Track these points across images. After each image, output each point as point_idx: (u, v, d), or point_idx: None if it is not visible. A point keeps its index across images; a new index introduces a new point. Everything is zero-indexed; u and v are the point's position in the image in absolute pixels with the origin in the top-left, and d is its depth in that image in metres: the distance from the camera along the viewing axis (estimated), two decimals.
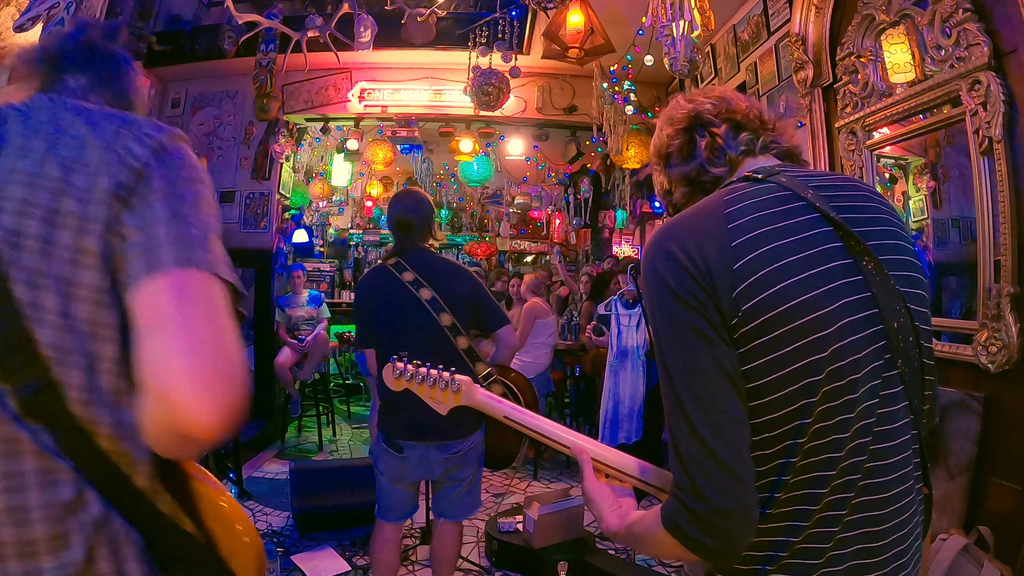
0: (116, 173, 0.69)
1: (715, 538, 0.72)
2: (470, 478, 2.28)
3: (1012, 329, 1.96)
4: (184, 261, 0.66)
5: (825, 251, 0.78)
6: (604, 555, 3.02)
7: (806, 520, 0.76)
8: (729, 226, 0.77)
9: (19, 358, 0.63)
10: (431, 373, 1.16)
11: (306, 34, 3.94)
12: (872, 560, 0.78)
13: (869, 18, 2.62)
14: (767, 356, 0.75)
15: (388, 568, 2.32)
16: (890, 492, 0.79)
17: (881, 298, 0.79)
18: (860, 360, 0.77)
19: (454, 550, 2.37)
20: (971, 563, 1.89)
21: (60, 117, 0.73)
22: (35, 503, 0.63)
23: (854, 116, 2.75)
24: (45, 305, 0.65)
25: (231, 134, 5.58)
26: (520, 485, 4.29)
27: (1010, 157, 2.00)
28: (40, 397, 0.63)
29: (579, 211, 8.01)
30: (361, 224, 10.24)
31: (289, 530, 3.38)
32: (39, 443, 0.64)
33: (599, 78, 4.60)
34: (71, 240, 0.66)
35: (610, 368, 4.58)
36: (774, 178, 0.84)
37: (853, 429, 0.76)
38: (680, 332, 0.76)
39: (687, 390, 0.75)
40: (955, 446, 2.16)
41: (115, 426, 0.67)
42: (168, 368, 0.62)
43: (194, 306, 0.66)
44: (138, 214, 0.68)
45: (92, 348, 0.67)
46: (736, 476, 0.72)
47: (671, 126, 0.96)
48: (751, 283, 0.74)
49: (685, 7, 2.74)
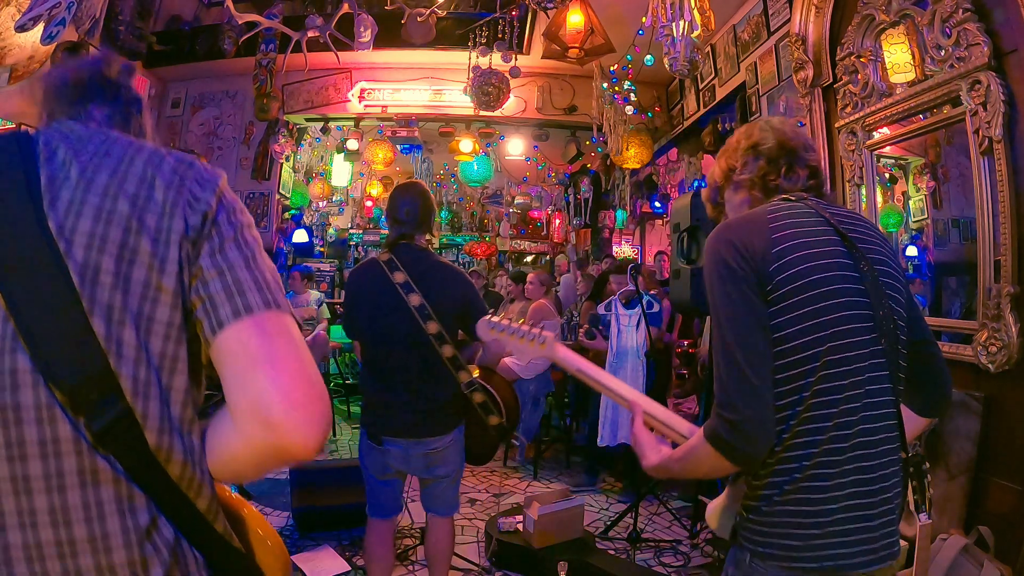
0: (187, 216, 0.73)
1: (744, 440, 0.98)
2: (452, 474, 2.28)
3: (1012, 329, 1.96)
4: (271, 304, 0.73)
5: (835, 251, 1.08)
6: (604, 555, 3.03)
7: (815, 448, 1.01)
8: (771, 225, 1.08)
9: (98, 390, 0.65)
10: (522, 328, 1.42)
11: (306, 34, 3.94)
12: (866, 500, 1.02)
13: (869, 18, 2.62)
14: (790, 314, 1.03)
15: (383, 565, 2.32)
16: (878, 436, 1.04)
17: (871, 291, 1.07)
18: (855, 329, 1.04)
19: (447, 544, 2.36)
20: (971, 563, 1.89)
21: (113, 150, 0.75)
22: (115, 530, 0.65)
23: (854, 116, 2.75)
24: (124, 339, 0.67)
25: (231, 134, 5.58)
26: (520, 485, 4.29)
27: (1010, 157, 2.00)
28: (117, 427, 0.65)
29: (579, 211, 8.02)
30: (361, 224, 10.26)
31: (289, 530, 3.38)
32: (116, 471, 0.66)
33: (599, 78, 4.61)
34: (146, 278, 0.69)
35: (610, 368, 4.57)
36: (803, 201, 1.16)
37: (850, 380, 1.02)
38: (731, 293, 1.05)
39: (732, 332, 1.02)
40: (955, 446, 2.16)
41: (184, 453, 0.70)
42: (272, 401, 0.67)
43: (284, 343, 0.71)
44: (214, 258, 0.73)
45: (166, 380, 0.70)
46: (761, 395, 0.99)
47: (780, 139, 1.22)
48: (782, 263, 1.04)
49: (685, 7, 2.74)
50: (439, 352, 2.09)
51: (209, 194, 0.76)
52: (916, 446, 2.29)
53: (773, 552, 1.02)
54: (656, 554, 3.20)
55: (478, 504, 3.88)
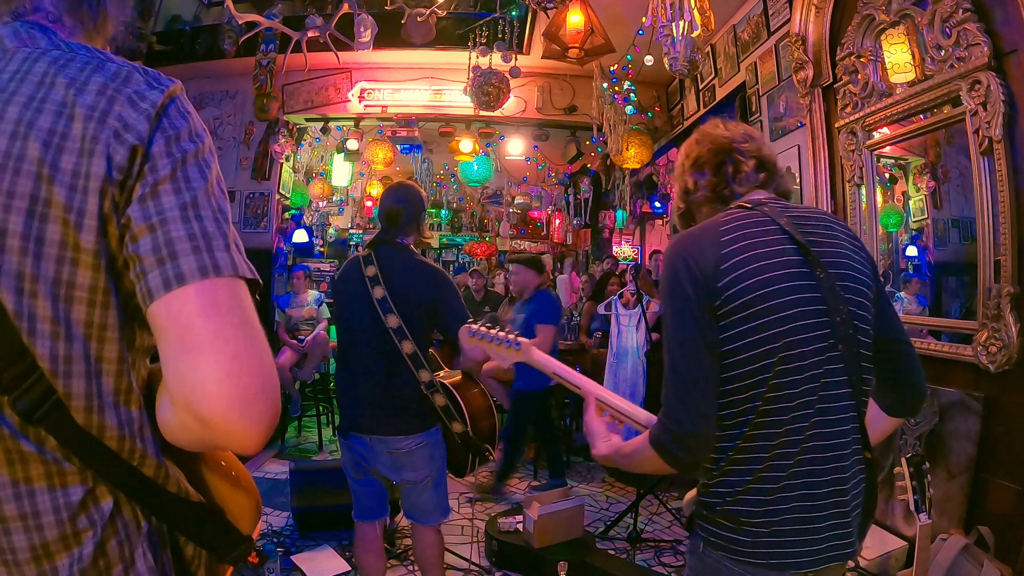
0: (110, 152, 0.60)
1: (683, 449, 1.04)
2: (425, 481, 2.19)
3: (1012, 329, 1.96)
4: (208, 270, 0.60)
5: (788, 261, 1.08)
6: (604, 555, 3.03)
7: (765, 453, 1.06)
8: (722, 240, 1.09)
9: (15, 372, 0.58)
10: (498, 335, 1.47)
11: (306, 34, 3.93)
12: (813, 503, 1.05)
13: (869, 18, 2.62)
14: (738, 328, 1.05)
15: (373, 571, 2.29)
16: (831, 441, 1.07)
17: (828, 299, 1.07)
18: (808, 339, 1.06)
19: (432, 552, 2.29)
20: (971, 563, 1.89)
21: (35, 68, 0.61)
22: (46, 507, 0.61)
23: (854, 116, 2.75)
24: (37, 313, 0.59)
25: (231, 134, 5.57)
26: (520, 485, 4.29)
27: (1010, 157, 1.99)
28: (43, 406, 0.59)
29: (579, 211, 8.02)
30: (361, 224, 10.25)
31: (289, 530, 3.38)
32: (43, 452, 0.61)
33: (599, 78, 4.60)
34: (61, 236, 0.59)
35: (610, 368, 4.58)
36: (759, 208, 1.15)
37: (801, 388, 1.05)
38: (681, 311, 1.08)
39: (680, 350, 1.07)
40: (955, 446, 2.16)
41: (120, 427, 0.64)
42: (206, 393, 0.57)
43: (225, 320, 0.59)
44: (144, 206, 0.60)
45: (95, 351, 0.62)
46: (702, 411, 1.04)
47: (713, 144, 1.24)
48: (730, 279, 1.05)
49: (685, 7, 2.74)
50: (399, 347, 2.08)
51: (141, 117, 0.62)
52: (916, 446, 2.29)
53: (722, 544, 1.09)
54: (656, 554, 3.20)
55: (478, 504, 3.88)
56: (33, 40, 0.65)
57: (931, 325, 2.49)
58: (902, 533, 2.35)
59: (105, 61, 0.65)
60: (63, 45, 0.66)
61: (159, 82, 0.65)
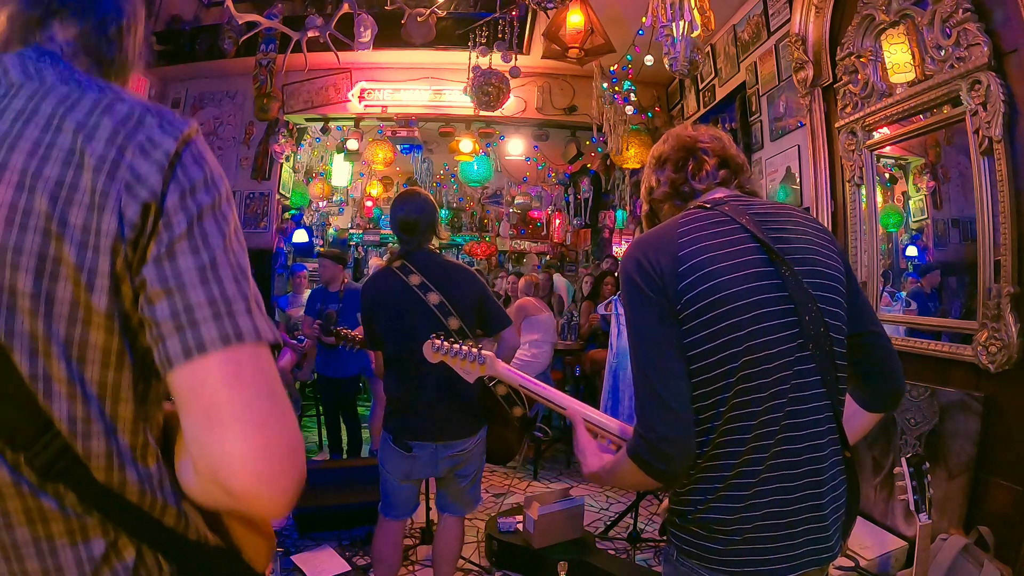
0: (122, 207, 0.56)
1: (662, 460, 0.99)
2: (473, 474, 2.33)
3: (1012, 329, 1.96)
4: (230, 337, 0.57)
5: (750, 260, 1.05)
6: (604, 555, 3.03)
7: (735, 459, 1.02)
8: (679, 241, 1.06)
9: (32, 430, 0.56)
10: (462, 349, 1.45)
11: (306, 34, 3.93)
12: (787, 508, 1.02)
13: (869, 18, 2.62)
14: (702, 332, 1.01)
15: (390, 565, 2.33)
16: (803, 444, 1.03)
17: (796, 297, 1.04)
18: (774, 340, 1.02)
19: (458, 544, 2.40)
20: (971, 563, 1.89)
21: (42, 108, 0.58)
22: (68, 562, 0.60)
23: (854, 116, 2.75)
24: (52, 375, 0.57)
25: (231, 134, 5.58)
26: (520, 485, 4.29)
27: (1010, 157, 1.99)
28: (60, 463, 0.58)
29: (579, 211, 8.01)
30: (361, 224, 10.25)
31: (289, 530, 3.38)
32: (63, 508, 0.60)
33: (599, 78, 4.60)
34: (72, 296, 0.56)
35: (610, 368, 4.57)
36: (719, 207, 1.12)
37: (769, 391, 1.01)
38: (642, 315, 1.05)
39: (644, 354, 1.03)
40: (955, 446, 2.16)
41: (140, 482, 0.63)
42: (233, 468, 0.56)
43: (250, 391, 0.57)
44: (160, 268, 0.58)
45: (110, 411, 0.60)
46: (678, 415, 0.99)
47: (677, 142, 1.22)
48: (690, 281, 1.02)
49: (685, 7, 2.74)
50: None
51: (153, 168, 0.58)
52: (916, 446, 2.29)
53: (696, 552, 1.06)
54: (656, 554, 3.20)
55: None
56: (40, 74, 0.62)
57: (931, 325, 2.49)
58: (902, 533, 2.35)
59: (115, 101, 0.61)
60: (71, 80, 0.62)
61: (172, 125, 0.61)
